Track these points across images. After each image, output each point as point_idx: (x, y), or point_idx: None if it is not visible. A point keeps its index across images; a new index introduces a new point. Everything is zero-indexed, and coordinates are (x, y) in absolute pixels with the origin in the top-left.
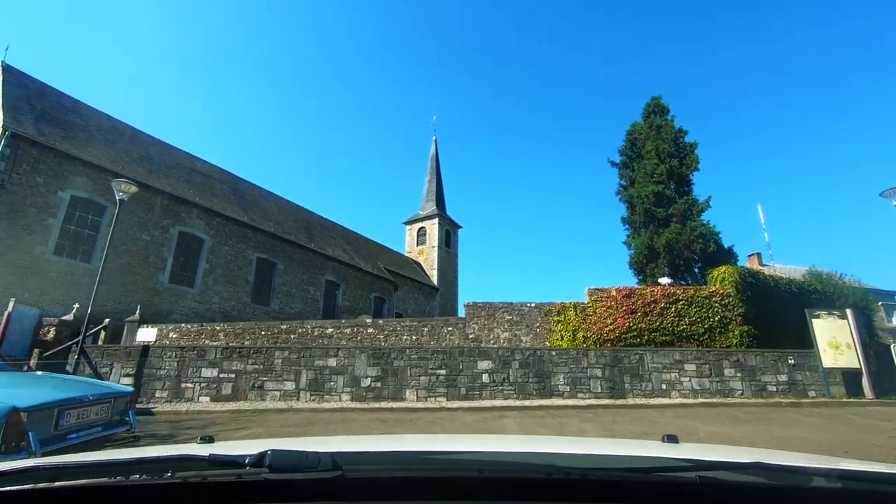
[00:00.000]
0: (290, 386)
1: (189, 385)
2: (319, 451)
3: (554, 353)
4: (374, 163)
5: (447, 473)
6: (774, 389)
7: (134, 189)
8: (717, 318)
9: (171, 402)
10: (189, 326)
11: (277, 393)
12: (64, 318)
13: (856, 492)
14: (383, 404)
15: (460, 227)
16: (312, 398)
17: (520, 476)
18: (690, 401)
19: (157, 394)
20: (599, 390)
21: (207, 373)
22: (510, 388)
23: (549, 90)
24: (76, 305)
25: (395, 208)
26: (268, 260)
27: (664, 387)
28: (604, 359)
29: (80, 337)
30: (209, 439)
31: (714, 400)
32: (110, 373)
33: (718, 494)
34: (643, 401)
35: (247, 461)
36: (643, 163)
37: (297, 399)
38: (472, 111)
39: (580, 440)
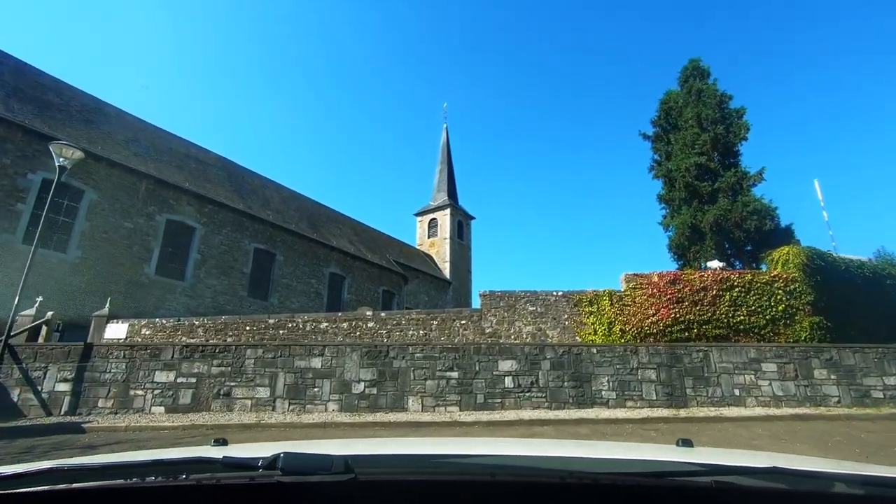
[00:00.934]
0: (263, 393)
1: (139, 392)
2: (332, 454)
3: (595, 350)
4: (383, 153)
5: (459, 477)
6: (881, 396)
7: (79, 155)
8: (780, 308)
9: (116, 413)
10: (164, 322)
11: (248, 402)
12: (25, 312)
13: (879, 498)
14: (380, 416)
15: (473, 217)
16: (292, 408)
17: (532, 480)
18: (775, 411)
19: (101, 403)
20: (654, 397)
21: (162, 377)
22: (539, 394)
23: (570, 60)
24: (39, 298)
25: (405, 201)
26: (266, 251)
27: (737, 392)
28: (658, 357)
29: (4, 336)
30: (223, 441)
31: (806, 410)
32: (44, 377)
33: (735, 500)
34: (713, 411)
35: (260, 464)
36: (681, 134)
37: (273, 409)
38: (486, 91)
39: (593, 444)
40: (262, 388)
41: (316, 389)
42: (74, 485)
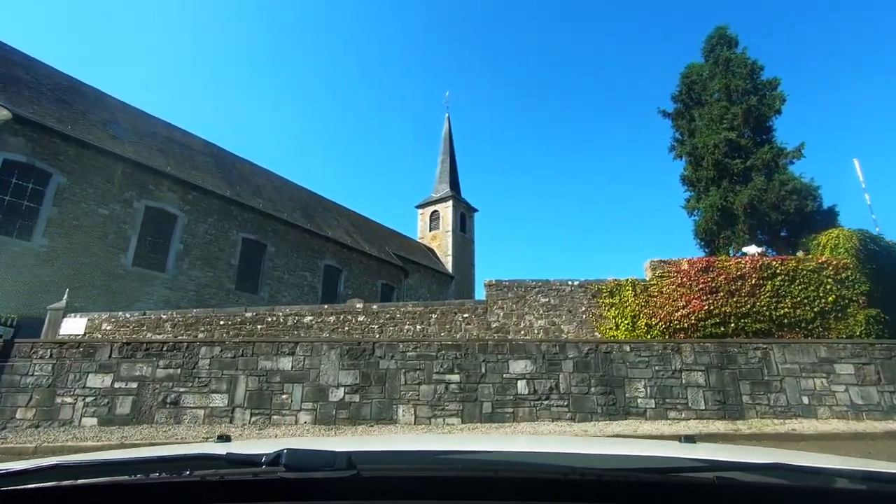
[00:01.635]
0: (219, 401)
1: (68, 400)
2: (335, 450)
3: (628, 347)
4: (383, 144)
5: (462, 473)
6: None
7: (5, 114)
8: (830, 299)
9: (38, 426)
10: (128, 316)
11: (200, 412)
12: None
13: (881, 494)
14: (362, 430)
15: (476, 210)
16: (254, 420)
17: (535, 476)
18: (858, 425)
19: (20, 414)
20: (702, 406)
21: (97, 381)
22: (560, 403)
23: (580, 40)
24: None
25: (406, 193)
26: (256, 241)
27: (805, 400)
28: (706, 356)
29: None
30: (226, 438)
31: None
32: None
33: (737, 496)
34: (780, 425)
35: (263, 460)
36: (706, 109)
37: (230, 421)
38: (489, 78)
39: (596, 440)
40: (219, 396)
41: (284, 396)
42: (79, 481)
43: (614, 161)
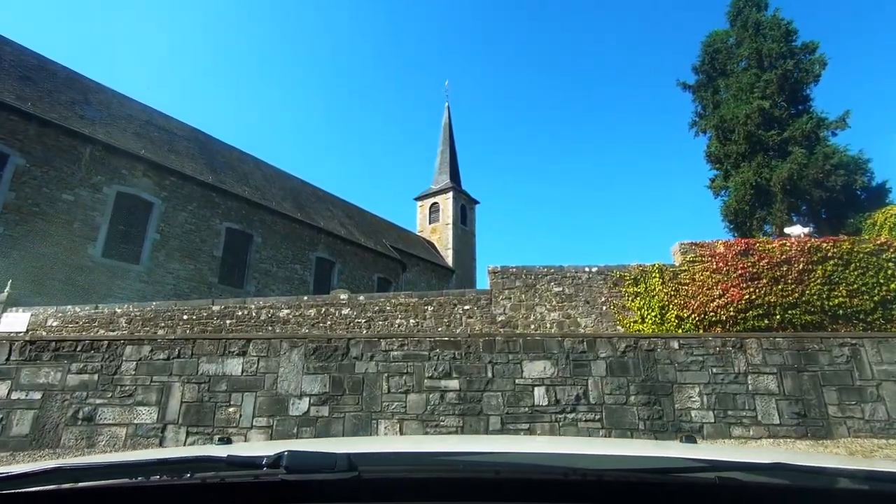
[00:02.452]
0: (147, 416)
1: None
2: (336, 451)
3: (677, 343)
4: (380, 135)
5: (463, 474)
6: None
7: None
8: (893, 286)
9: None
10: (78, 310)
11: (122, 431)
12: None
13: (884, 494)
14: None
15: (477, 202)
16: (191, 441)
17: (536, 477)
18: None
19: None
20: (776, 420)
21: None
22: (590, 416)
23: (586, 17)
24: None
25: (405, 186)
26: (242, 231)
27: None
28: (777, 355)
29: None
30: (227, 440)
31: None
32: None
33: (739, 496)
34: (881, 447)
35: (264, 462)
36: (732, 79)
37: (160, 443)
38: (491, 63)
39: (597, 441)
40: (146, 409)
41: (231, 410)
42: (79, 484)
43: (625, 142)
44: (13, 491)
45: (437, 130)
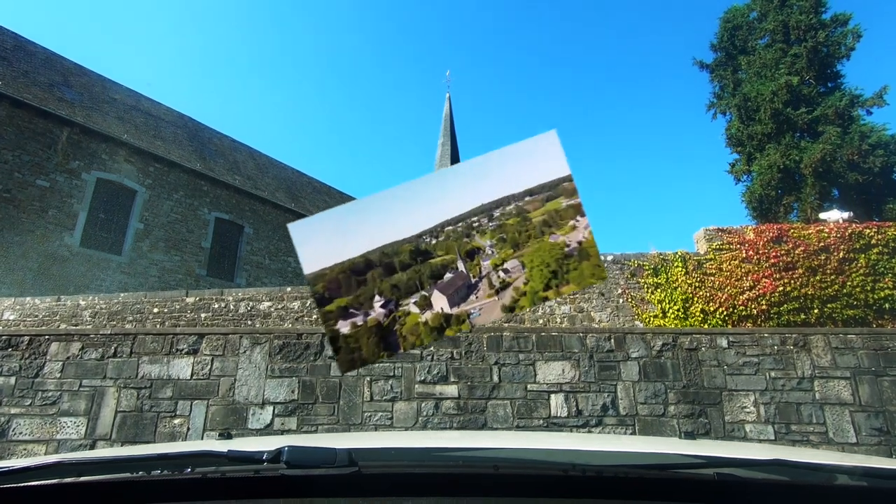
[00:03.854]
0: (73, 429)
1: None
2: (336, 447)
3: (725, 341)
4: (379, 127)
5: (463, 470)
6: None
7: None
8: None
9: None
10: (38, 302)
11: (41, 449)
12: None
13: (882, 490)
14: None
15: None
16: None
17: (536, 473)
18: None
19: None
20: (853, 438)
21: None
22: (619, 430)
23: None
24: None
25: (405, 179)
26: (231, 222)
27: None
28: (851, 355)
29: None
30: (227, 435)
31: None
32: None
33: (737, 492)
34: None
35: (264, 457)
36: (754, 56)
37: None
38: (495, 28)
39: (598, 437)
40: (72, 421)
41: (177, 422)
42: (81, 478)
43: (635, 127)
44: (15, 485)
45: (438, 122)
